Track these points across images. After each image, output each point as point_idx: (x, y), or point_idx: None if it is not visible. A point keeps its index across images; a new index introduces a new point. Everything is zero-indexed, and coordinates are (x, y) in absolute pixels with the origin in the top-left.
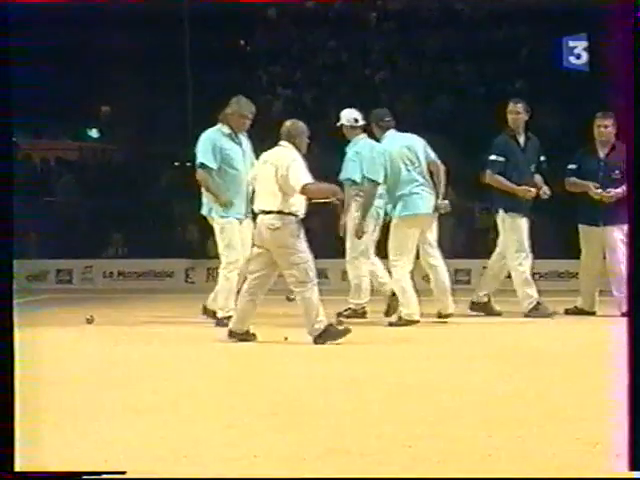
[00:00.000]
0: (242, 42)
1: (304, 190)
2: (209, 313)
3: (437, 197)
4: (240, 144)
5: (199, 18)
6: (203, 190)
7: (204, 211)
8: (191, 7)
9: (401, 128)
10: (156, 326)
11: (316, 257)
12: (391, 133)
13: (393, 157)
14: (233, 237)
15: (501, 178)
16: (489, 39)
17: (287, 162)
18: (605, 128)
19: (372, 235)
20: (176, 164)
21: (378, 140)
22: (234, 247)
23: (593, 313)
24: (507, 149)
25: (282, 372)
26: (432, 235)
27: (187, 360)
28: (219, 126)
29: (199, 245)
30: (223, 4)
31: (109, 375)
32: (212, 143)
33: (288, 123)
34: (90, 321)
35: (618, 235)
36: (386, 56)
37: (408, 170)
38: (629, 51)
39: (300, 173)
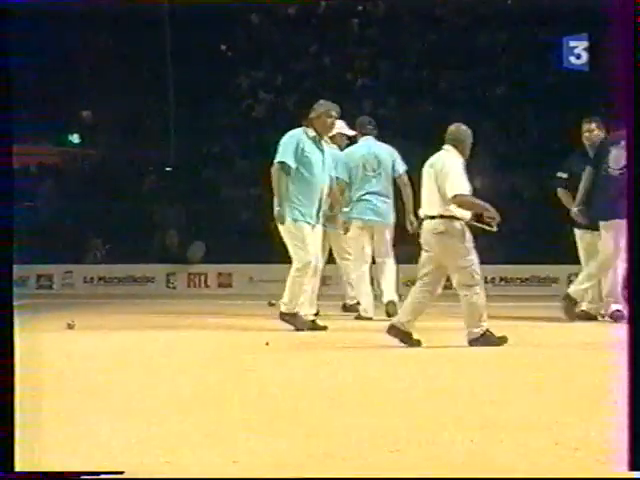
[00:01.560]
0: (224, 47)
1: (455, 200)
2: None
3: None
4: (322, 150)
5: (181, 23)
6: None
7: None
8: (173, 11)
9: (383, 134)
10: (138, 331)
11: None
12: (365, 139)
13: (355, 162)
14: (308, 242)
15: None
16: (473, 45)
17: (446, 167)
18: (591, 132)
19: None
20: (168, 169)
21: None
22: (305, 250)
23: (596, 317)
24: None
25: (263, 377)
26: (382, 245)
27: (168, 366)
28: (304, 128)
29: (180, 250)
30: (205, 9)
31: (95, 379)
32: (295, 143)
33: (453, 127)
34: (71, 326)
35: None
36: (368, 61)
37: (366, 175)
38: (629, 51)
39: (455, 181)
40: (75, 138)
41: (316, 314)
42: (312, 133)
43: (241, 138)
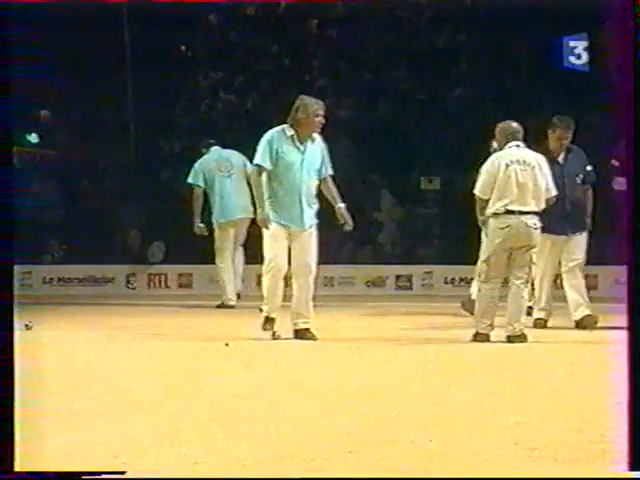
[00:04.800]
0: (183, 47)
1: (551, 198)
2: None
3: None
4: (302, 151)
5: (139, 22)
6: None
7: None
8: (131, 10)
9: (342, 134)
10: (97, 332)
11: None
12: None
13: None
14: (272, 243)
15: None
16: (433, 44)
17: (544, 165)
18: (566, 140)
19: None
20: (110, 169)
21: None
22: (272, 253)
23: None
24: None
25: (222, 378)
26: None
27: (127, 367)
28: (283, 126)
29: (140, 251)
30: (164, 8)
31: (51, 381)
32: (270, 144)
33: (515, 124)
34: (29, 327)
35: (581, 243)
36: (327, 62)
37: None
38: (629, 51)
39: (551, 181)
40: (33, 137)
41: None
42: (290, 132)
43: (201, 138)
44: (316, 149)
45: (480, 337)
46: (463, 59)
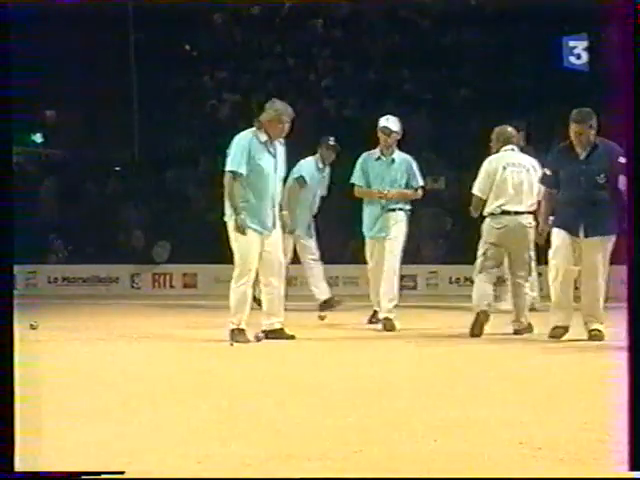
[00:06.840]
0: (188, 47)
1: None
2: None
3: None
4: (274, 155)
5: (144, 22)
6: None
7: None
8: (136, 11)
9: (346, 134)
10: (102, 332)
11: None
12: None
13: None
14: (247, 249)
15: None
16: (438, 45)
17: (536, 167)
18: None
19: None
20: (117, 169)
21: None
22: (246, 260)
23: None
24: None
25: (226, 377)
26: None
27: (132, 366)
28: (254, 131)
29: (144, 250)
30: (169, 8)
31: (56, 380)
32: (248, 149)
33: (510, 129)
34: (34, 327)
35: (594, 249)
36: (332, 62)
37: None
38: (629, 51)
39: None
40: (38, 137)
41: None
42: (264, 137)
43: (205, 138)
44: (281, 151)
45: (481, 316)
46: (465, 59)
